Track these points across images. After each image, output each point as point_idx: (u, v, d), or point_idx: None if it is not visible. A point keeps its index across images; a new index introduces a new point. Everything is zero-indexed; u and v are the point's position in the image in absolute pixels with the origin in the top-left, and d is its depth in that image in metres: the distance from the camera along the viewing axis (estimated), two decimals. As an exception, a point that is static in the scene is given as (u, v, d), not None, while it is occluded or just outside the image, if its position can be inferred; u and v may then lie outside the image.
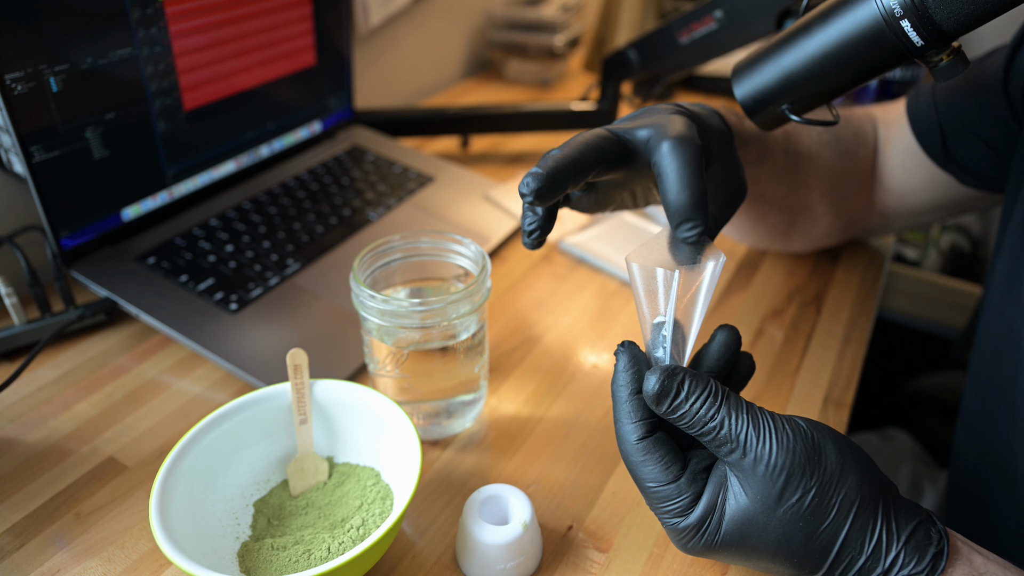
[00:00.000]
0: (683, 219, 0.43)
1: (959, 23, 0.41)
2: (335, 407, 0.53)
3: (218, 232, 0.74)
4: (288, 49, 0.82)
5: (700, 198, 0.43)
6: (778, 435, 0.38)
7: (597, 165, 0.44)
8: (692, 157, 0.43)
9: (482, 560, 0.46)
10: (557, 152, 0.43)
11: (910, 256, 1.25)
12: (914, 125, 0.69)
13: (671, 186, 0.43)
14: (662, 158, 0.43)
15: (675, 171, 0.43)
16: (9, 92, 0.58)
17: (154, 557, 0.49)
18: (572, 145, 0.44)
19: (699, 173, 0.43)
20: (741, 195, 0.52)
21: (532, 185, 0.42)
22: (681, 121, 0.45)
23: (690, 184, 0.42)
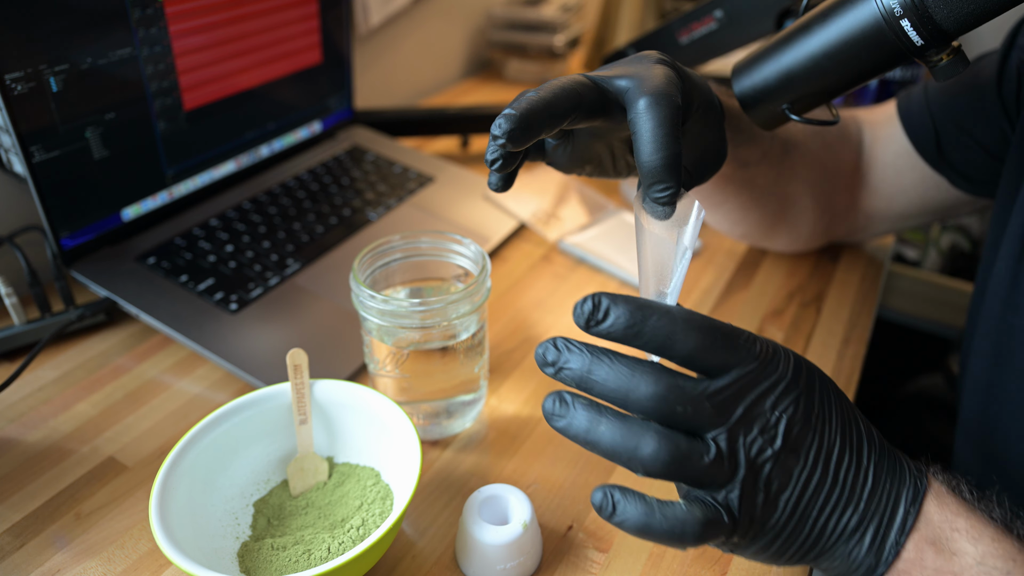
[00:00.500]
0: (654, 181, 0.41)
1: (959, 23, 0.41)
2: (335, 407, 0.53)
3: (218, 232, 0.74)
4: (288, 49, 0.82)
5: (674, 160, 0.41)
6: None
7: (574, 111, 0.42)
8: (668, 117, 0.41)
9: (482, 560, 0.46)
10: (532, 94, 0.41)
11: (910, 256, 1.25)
12: (907, 126, 0.69)
13: (645, 146, 0.41)
14: (638, 115, 0.42)
15: (650, 131, 0.41)
16: (9, 92, 0.58)
17: (154, 557, 0.49)
18: (548, 88, 0.42)
19: (675, 134, 0.41)
20: (719, 158, 0.50)
21: (505, 127, 0.40)
22: (662, 74, 0.43)
23: (664, 145, 0.41)
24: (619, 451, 0.35)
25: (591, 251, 0.79)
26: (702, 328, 0.35)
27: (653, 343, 0.35)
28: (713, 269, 0.79)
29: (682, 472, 0.34)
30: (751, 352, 0.36)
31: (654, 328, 0.35)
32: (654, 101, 0.41)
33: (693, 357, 0.35)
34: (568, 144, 0.50)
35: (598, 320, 0.35)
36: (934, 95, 0.67)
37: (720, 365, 0.35)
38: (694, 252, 0.81)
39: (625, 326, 0.35)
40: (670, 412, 0.34)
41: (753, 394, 0.35)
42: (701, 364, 0.35)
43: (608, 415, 0.35)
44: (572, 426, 0.35)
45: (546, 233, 0.83)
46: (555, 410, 0.36)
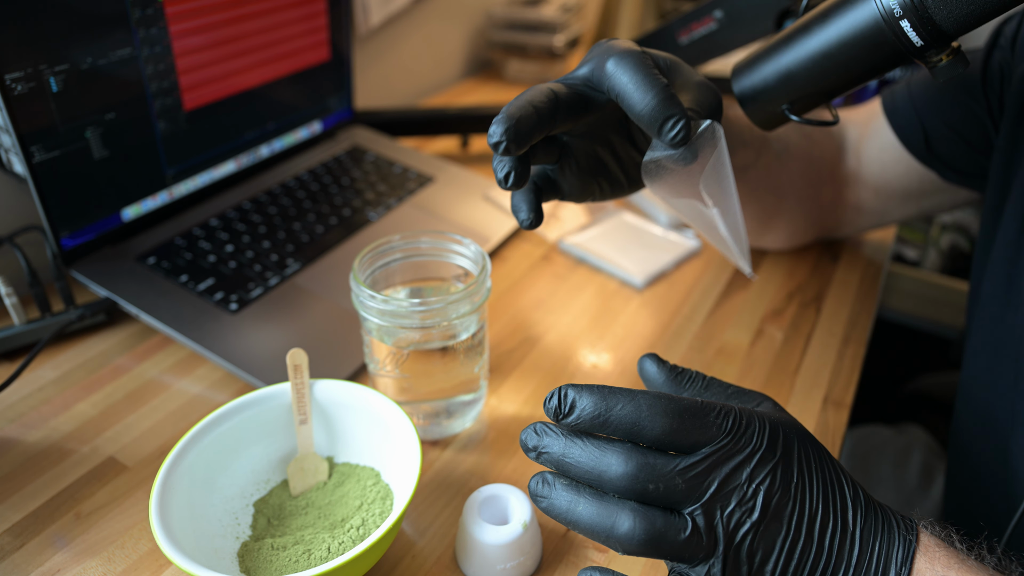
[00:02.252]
0: (661, 120, 0.40)
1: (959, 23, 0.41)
2: (335, 407, 0.53)
3: (218, 232, 0.74)
4: (288, 49, 0.82)
5: (665, 91, 0.40)
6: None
7: (555, 111, 0.43)
8: (639, 62, 0.41)
9: (482, 560, 0.46)
10: (512, 101, 0.43)
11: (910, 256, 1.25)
12: (894, 124, 0.69)
13: (632, 95, 0.41)
14: (610, 77, 0.42)
15: (628, 80, 0.41)
16: (9, 92, 0.58)
17: (154, 557, 0.49)
18: (523, 94, 0.43)
19: (652, 73, 0.41)
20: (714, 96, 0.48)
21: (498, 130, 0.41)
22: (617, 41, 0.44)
23: (649, 85, 0.41)
24: (597, 530, 0.35)
25: (591, 251, 0.79)
26: (668, 412, 0.35)
27: (621, 430, 0.36)
28: (713, 269, 0.79)
29: (660, 549, 0.35)
30: (722, 428, 0.36)
31: (620, 417, 0.35)
32: (619, 57, 0.42)
33: (662, 441, 0.35)
34: (571, 160, 0.50)
35: (564, 413, 0.36)
36: (918, 93, 0.67)
37: (691, 445, 0.35)
38: (693, 252, 0.81)
39: (591, 416, 0.36)
40: (642, 490, 0.35)
41: (727, 467, 0.35)
42: (671, 446, 0.36)
43: (586, 494, 0.36)
44: (553, 506, 0.36)
45: (546, 233, 0.83)
46: (538, 491, 0.37)
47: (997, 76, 0.61)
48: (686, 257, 0.80)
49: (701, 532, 0.35)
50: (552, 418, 0.37)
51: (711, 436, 0.36)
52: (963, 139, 0.65)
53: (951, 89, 0.64)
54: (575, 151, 0.49)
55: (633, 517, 0.35)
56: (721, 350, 0.68)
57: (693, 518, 0.35)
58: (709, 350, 0.68)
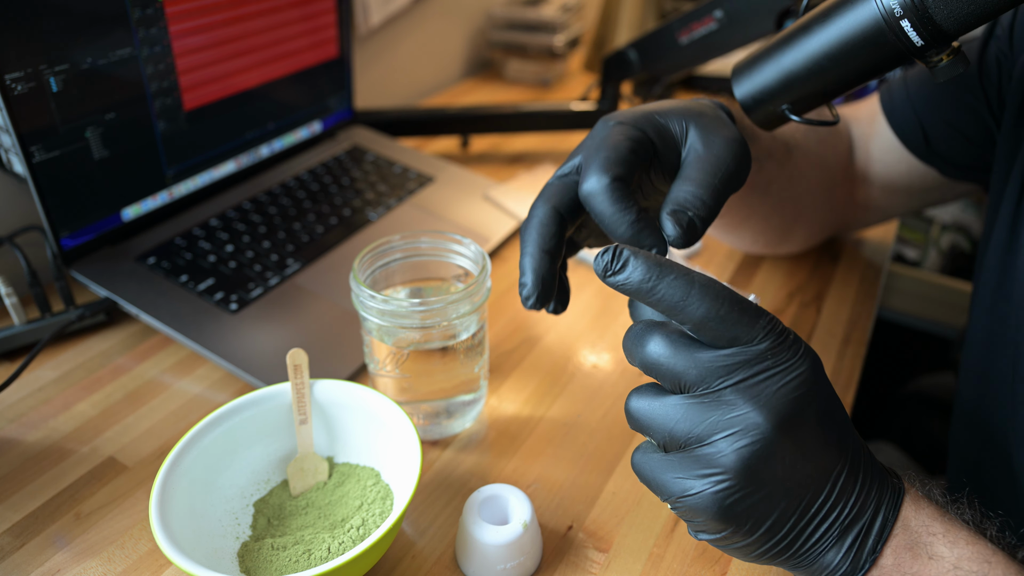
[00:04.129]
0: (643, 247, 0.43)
1: (959, 23, 0.41)
2: (335, 407, 0.53)
3: (218, 232, 0.74)
4: (288, 49, 0.82)
5: (635, 227, 0.42)
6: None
7: (563, 232, 0.45)
8: (608, 195, 0.42)
9: (482, 560, 0.46)
10: (525, 258, 0.44)
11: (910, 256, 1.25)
12: (892, 121, 0.69)
13: (605, 227, 0.43)
14: (585, 203, 0.43)
15: (600, 214, 0.42)
16: (9, 92, 0.58)
17: (154, 557, 0.49)
18: (532, 232, 0.44)
19: (622, 205, 0.42)
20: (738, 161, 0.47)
21: (529, 291, 0.44)
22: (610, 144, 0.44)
23: (620, 220, 0.42)
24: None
25: (591, 251, 0.79)
26: (718, 297, 0.34)
27: (667, 301, 0.34)
28: (713, 269, 0.79)
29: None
30: (768, 328, 0.35)
31: (670, 285, 0.34)
32: (591, 187, 0.43)
33: (706, 323, 0.34)
34: (584, 228, 0.51)
35: (615, 270, 0.35)
36: (915, 89, 0.68)
37: (730, 339, 0.35)
38: (693, 253, 0.81)
39: (641, 279, 0.35)
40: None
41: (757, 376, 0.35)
42: (711, 332, 0.35)
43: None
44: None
45: (546, 233, 0.83)
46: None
47: (994, 68, 0.61)
48: (686, 257, 0.80)
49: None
50: (600, 272, 0.36)
51: (753, 335, 0.35)
52: (962, 134, 0.65)
53: (948, 85, 0.65)
54: (589, 224, 0.50)
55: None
56: (721, 350, 0.68)
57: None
58: (709, 350, 0.68)
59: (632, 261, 0.35)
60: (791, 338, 0.36)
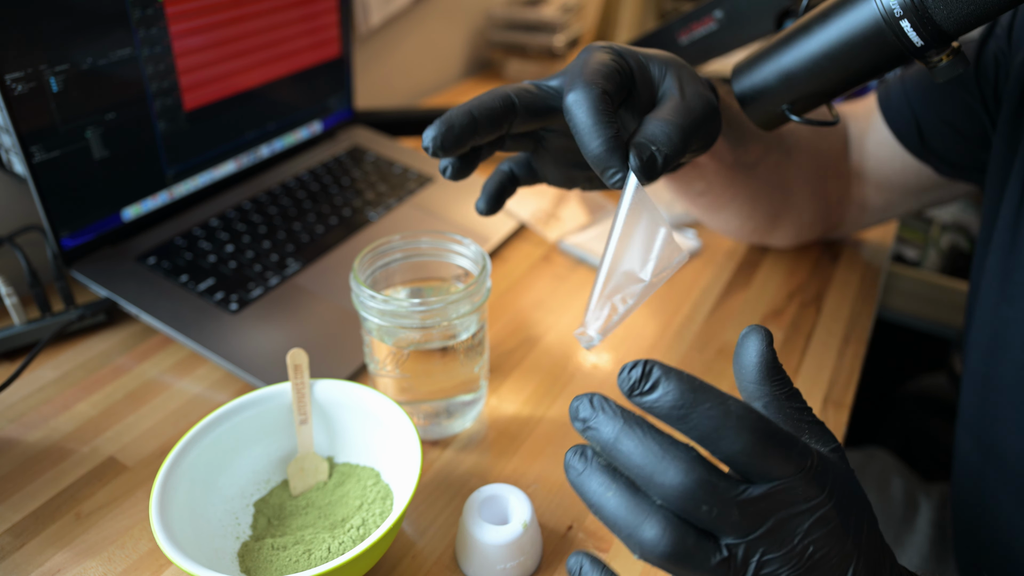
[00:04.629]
0: (602, 169, 0.42)
1: (959, 23, 0.41)
2: (335, 407, 0.53)
3: (218, 232, 0.74)
4: (288, 49, 0.82)
5: (611, 143, 0.42)
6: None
7: (506, 115, 0.45)
8: (593, 104, 0.42)
9: (482, 560, 0.46)
10: (460, 105, 0.45)
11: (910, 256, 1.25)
12: (888, 118, 0.69)
13: (581, 139, 0.42)
14: (567, 113, 0.43)
15: (579, 123, 0.42)
16: (9, 92, 0.58)
17: (154, 557, 0.49)
18: (476, 97, 0.45)
19: (605, 119, 0.42)
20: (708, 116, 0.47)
21: (430, 134, 0.44)
22: (594, 61, 0.44)
23: (598, 133, 0.42)
24: (620, 525, 0.32)
25: (591, 251, 0.79)
26: (756, 430, 0.31)
27: (698, 431, 0.31)
28: (713, 269, 0.79)
29: (681, 567, 0.31)
30: (801, 466, 0.32)
31: (703, 416, 0.31)
32: (577, 95, 0.43)
33: (737, 459, 0.31)
34: (545, 152, 0.51)
35: (644, 391, 0.32)
36: (912, 87, 0.67)
37: (762, 473, 0.31)
38: (693, 252, 0.81)
39: (672, 405, 0.31)
40: (693, 509, 0.31)
41: (788, 511, 0.31)
42: (743, 468, 0.32)
43: (621, 484, 0.32)
44: (583, 484, 0.33)
45: (546, 233, 0.83)
46: (572, 462, 0.33)
47: (992, 66, 0.61)
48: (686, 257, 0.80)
49: (734, 563, 0.31)
50: (626, 390, 0.32)
51: (787, 471, 0.32)
52: (958, 133, 0.65)
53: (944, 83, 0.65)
54: (549, 144, 0.51)
55: (664, 525, 0.31)
56: (721, 350, 0.68)
57: (731, 549, 0.31)
58: (709, 350, 0.68)
59: (664, 383, 0.31)
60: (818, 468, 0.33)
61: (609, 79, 0.44)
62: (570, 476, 0.33)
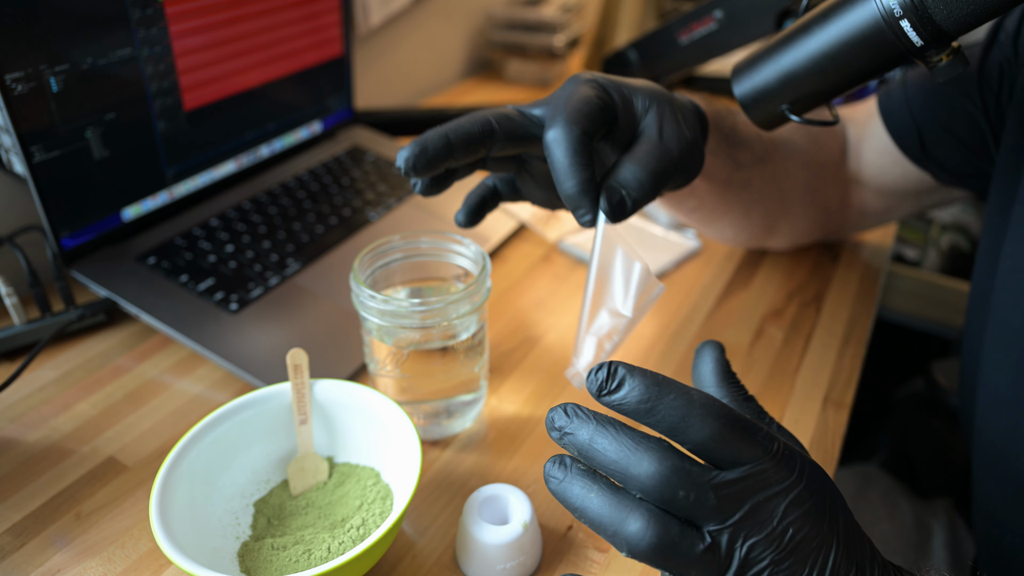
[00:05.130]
0: (573, 208, 0.44)
1: (959, 23, 0.41)
2: (335, 407, 0.53)
3: (218, 232, 0.74)
4: (288, 49, 0.82)
5: (583, 185, 0.43)
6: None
7: (484, 140, 0.46)
8: (571, 146, 0.43)
9: (482, 560, 0.46)
10: (436, 128, 0.45)
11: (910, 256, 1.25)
12: (888, 124, 0.69)
13: (555, 175, 0.44)
14: (546, 149, 0.44)
15: (556, 162, 0.44)
16: (9, 92, 0.58)
17: (154, 557, 0.49)
18: (455, 120, 0.45)
19: (581, 161, 0.43)
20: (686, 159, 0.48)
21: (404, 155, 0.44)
22: (579, 97, 0.45)
23: (572, 174, 0.43)
24: (604, 524, 0.33)
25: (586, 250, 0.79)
26: (720, 416, 0.33)
27: (666, 423, 0.33)
28: (713, 269, 0.79)
29: (667, 559, 0.32)
30: (767, 450, 0.33)
31: (669, 407, 0.33)
32: (557, 133, 0.44)
33: (706, 445, 0.33)
34: (528, 175, 0.52)
35: (611, 389, 0.34)
36: (913, 93, 0.67)
37: (731, 459, 0.33)
38: (693, 252, 0.81)
39: (639, 399, 0.33)
40: (671, 496, 0.32)
41: (764, 494, 0.33)
42: (712, 454, 0.33)
43: (601, 484, 0.33)
44: (564, 490, 0.34)
45: (546, 233, 0.83)
46: (552, 471, 0.34)
47: (996, 74, 0.60)
48: (686, 257, 0.80)
49: (719, 551, 0.32)
50: (595, 392, 0.34)
51: (755, 455, 0.33)
52: (958, 140, 0.64)
53: (946, 89, 0.64)
54: (532, 168, 0.52)
55: (647, 518, 0.32)
56: (721, 350, 0.68)
57: (713, 536, 0.32)
58: (709, 350, 0.68)
59: (629, 380, 0.33)
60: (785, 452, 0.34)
61: (590, 119, 0.45)
62: (551, 485, 0.35)
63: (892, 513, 0.82)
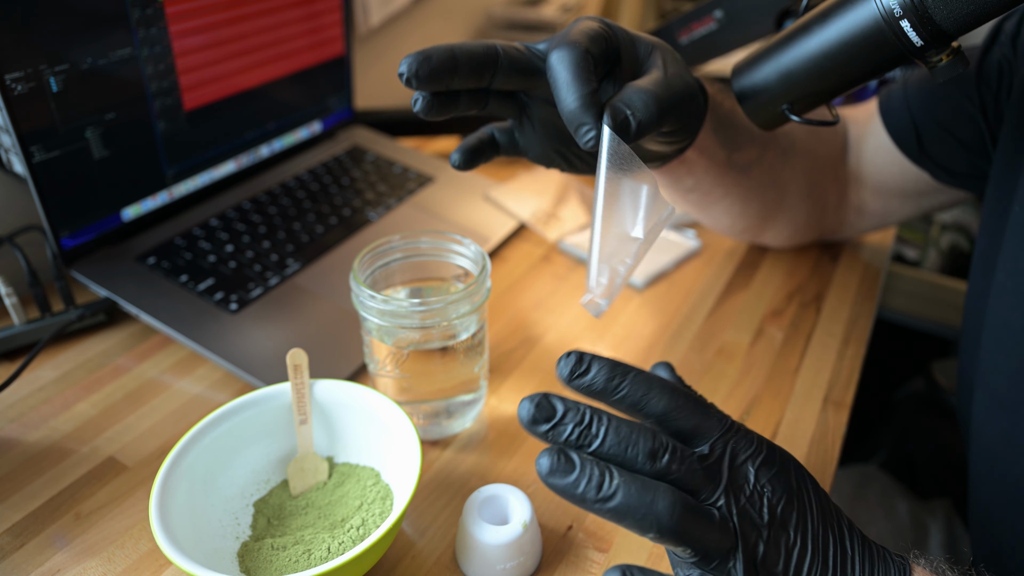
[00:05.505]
0: (575, 125, 0.42)
1: (959, 23, 0.41)
2: (335, 407, 0.53)
3: (218, 232, 0.74)
4: (288, 49, 0.82)
5: (586, 99, 0.41)
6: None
7: (488, 63, 0.44)
8: (574, 61, 0.42)
9: (482, 560, 0.46)
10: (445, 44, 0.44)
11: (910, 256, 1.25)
12: (887, 123, 0.69)
13: (557, 93, 0.42)
14: (549, 71, 0.43)
15: (558, 79, 0.42)
16: (9, 92, 0.58)
17: (154, 557, 0.49)
18: (464, 42, 0.44)
19: (583, 75, 0.42)
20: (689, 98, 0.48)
21: (406, 62, 0.42)
22: (580, 27, 0.45)
23: (575, 88, 0.42)
24: (634, 507, 0.33)
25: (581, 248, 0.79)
26: (677, 391, 0.37)
27: (630, 398, 0.36)
28: (713, 269, 0.79)
29: (695, 530, 0.34)
30: (723, 423, 0.37)
31: (633, 383, 0.36)
32: (560, 51, 0.43)
33: (667, 415, 0.36)
34: (528, 122, 0.51)
35: (580, 373, 0.36)
36: (913, 92, 0.67)
37: (692, 428, 0.36)
38: (693, 252, 0.81)
39: (607, 378, 0.36)
40: (665, 471, 0.35)
41: (735, 461, 0.36)
42: (674, 424, 0.36)
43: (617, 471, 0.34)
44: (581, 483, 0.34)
45: (546, 233, 0.83)
46: (558, 466, 0.34)
47: (995, 74, 0.60)
48: (686, 257, 0.80)
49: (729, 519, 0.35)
50: (565, 377, 0.36)
51: (712, 426, 0.36)
52: (956, 140, 0.64)
53: (945, 88, 0.64)
54: (532, 114, 0.50)
55: (672, 492, 0.34)
56: (721, 350, 0.68)
57: (716, 508, 0.35)
58: (709, 350, 0.68)
59: (595, 363, 0.36)
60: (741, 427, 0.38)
61: (594, 41, 0.44)
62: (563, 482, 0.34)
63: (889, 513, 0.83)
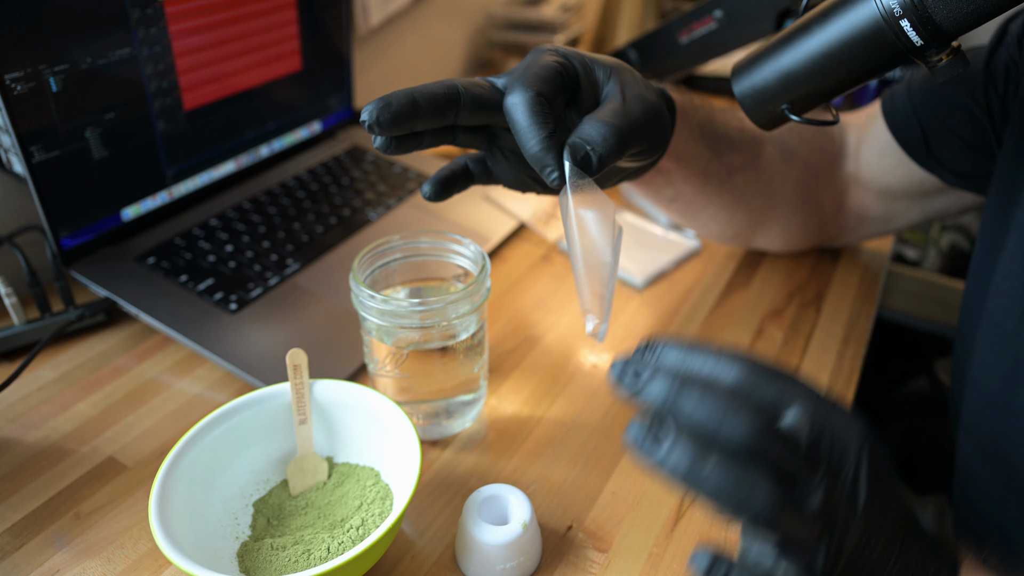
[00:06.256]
0: (540, 167, 0.44)
1: (959, 23, 0.41)
2: (335, 407, 0.53)
3: (218, 232, 0.74)
4: (288, 49, 0.82)
5: (546, 142, 0.43)
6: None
7: (449, 104, 0.45)
8: (528, 106, 0.44)
9: (482, 560, 0.46)
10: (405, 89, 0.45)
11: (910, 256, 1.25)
12: (893, 127, 0.68)
13: (518, 137, 0.44)
14: (507, 115, 0.45)
15: (517, 125, 0.44)
16: (9, 92, 0.58)
17: (154, 557, 0.49)
18: (427, 84, 0.45)
19: (538, 120, 0.44)
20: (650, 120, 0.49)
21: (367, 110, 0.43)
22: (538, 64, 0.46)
23: (534, 133, 0.43)
24: (730, 493, 0.31)
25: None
26: (746, 360, 0.34)
27: (706, 370, 0.34)
28: (713, 269, 0.79)
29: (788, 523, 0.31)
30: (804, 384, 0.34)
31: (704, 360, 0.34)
32: (514, 98, 0.44)
33: (742, 384, 0.33)
34: (498, 152, 0.52)
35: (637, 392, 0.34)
36: (918, 94, 0.66)
37: (774, 396, 0.33)
38: (693, 252, 0.81)
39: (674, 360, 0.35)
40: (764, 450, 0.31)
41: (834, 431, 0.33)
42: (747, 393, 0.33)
43: (713, 453, 0.31)
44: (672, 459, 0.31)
45: (546, 233, 0.83)
46: (647, 440, 0.32)
47: (1002, 74, 0.60)
48: (686, 257, 0.80)
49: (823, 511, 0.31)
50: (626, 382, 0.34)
51: (799, 391, 0.33)
52: (963, 141, 0.64)
53: (951, 89, 0.63)
54: (502, 144, 0.51)
55: (771, 485, 0.30)
56: (721, 350, 0.68)
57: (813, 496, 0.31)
58: (709, 350, 0.68)
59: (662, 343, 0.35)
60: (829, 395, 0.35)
61: (547, 82, 0.45)
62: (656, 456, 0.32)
63: None
